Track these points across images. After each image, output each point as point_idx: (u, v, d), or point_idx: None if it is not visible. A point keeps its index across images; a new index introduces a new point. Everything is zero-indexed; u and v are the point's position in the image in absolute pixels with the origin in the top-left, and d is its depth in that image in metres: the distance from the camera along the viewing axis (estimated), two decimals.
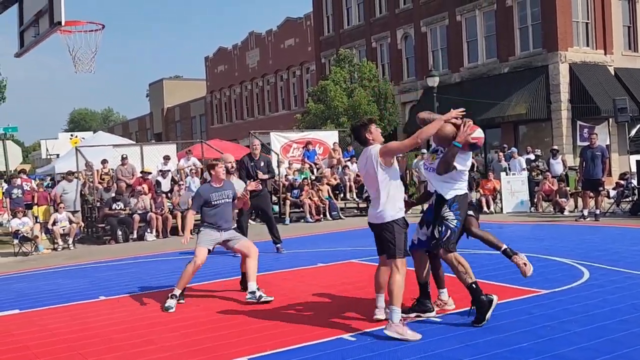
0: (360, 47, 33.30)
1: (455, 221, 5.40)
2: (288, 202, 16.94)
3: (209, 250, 6.94)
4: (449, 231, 5.38)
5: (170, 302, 6.63)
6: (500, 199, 17.21)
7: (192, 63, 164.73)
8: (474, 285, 5.34)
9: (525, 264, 5.56)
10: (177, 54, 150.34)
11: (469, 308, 5.47)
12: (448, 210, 5.42)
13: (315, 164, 19.22)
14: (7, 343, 5.70)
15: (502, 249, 5.60)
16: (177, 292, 6.72)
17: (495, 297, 5.40)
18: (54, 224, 13.99)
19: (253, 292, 6.79)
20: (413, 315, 5.77)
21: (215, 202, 6.90)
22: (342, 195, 18.23)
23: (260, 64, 42.17)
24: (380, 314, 5.61)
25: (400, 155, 5.79)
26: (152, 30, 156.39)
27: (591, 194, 13.98)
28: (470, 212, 5.73)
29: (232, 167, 7.13)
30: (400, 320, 4.97)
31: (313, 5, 36.66)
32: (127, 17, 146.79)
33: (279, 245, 10.92)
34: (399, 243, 5.25)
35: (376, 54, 32.33)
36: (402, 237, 5.28)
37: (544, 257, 8.75)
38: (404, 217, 5.34)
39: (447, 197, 5.45)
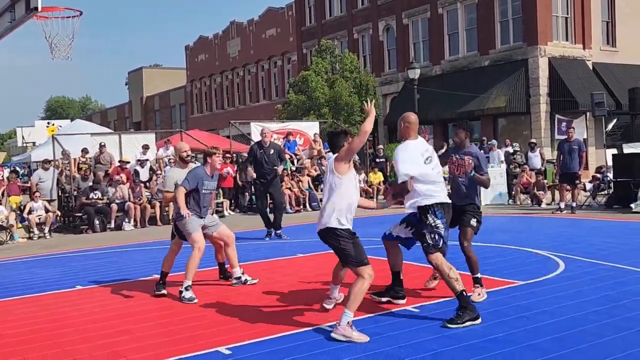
0: (342, 38, 33.26)
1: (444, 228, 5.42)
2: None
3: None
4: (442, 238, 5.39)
5: (188, 294, 6.41)
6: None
7: (173, 52, 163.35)
8: (464, 293, 5.27)
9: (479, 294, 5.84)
10: (157, 42, 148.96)
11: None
12: (435, 219, 5.41)
13: (296, 154, 19.19)
14: None
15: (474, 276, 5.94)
16: (189, 282, 6.47)
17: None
18: (29, 212, 13.81)
19: (239, 278, 7.09)
20: (385, 299, 5.94)
21: (204, 191, 6.78)
22: (322, 186, 18.24)
23: (242, 53, 41.91)
24: (330, 304, 5.86)
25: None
26: (132, 17, 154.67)
27: (568, 187, 14.16)
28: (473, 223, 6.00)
29: (187, 155, 7.16)
30: (348, 323, 4.98)
31: None
32: (107, 4, 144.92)
33: (279, 232, 11.20)
34: (352, 252, 5.17)
35: (358, 45, 32.31)
36: (352, 246, 5.19)
37: (521, 249, 8.86)
38: (349, 229, 5.24)
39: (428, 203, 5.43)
